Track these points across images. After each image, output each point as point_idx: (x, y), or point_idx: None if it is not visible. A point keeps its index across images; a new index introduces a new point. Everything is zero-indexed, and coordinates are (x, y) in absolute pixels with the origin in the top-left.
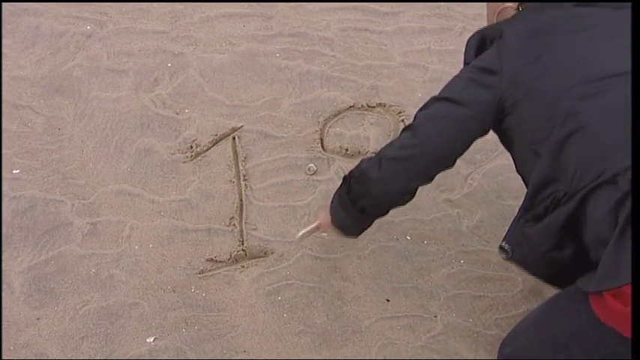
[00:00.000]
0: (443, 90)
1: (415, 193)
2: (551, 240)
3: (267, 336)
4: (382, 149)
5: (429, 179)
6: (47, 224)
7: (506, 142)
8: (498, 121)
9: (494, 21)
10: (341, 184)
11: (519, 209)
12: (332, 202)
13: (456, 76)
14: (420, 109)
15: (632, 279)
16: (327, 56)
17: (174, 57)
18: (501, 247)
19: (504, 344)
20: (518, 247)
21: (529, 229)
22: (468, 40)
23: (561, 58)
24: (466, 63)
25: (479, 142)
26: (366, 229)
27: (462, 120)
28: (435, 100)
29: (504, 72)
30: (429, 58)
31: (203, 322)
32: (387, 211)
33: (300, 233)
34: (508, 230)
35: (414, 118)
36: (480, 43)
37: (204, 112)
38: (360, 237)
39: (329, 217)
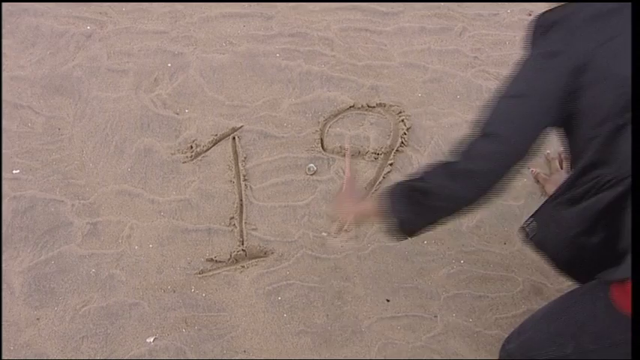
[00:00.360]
0: (508, 87)
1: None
2: (585, 224)
3: (267, 336)
4: (455, 163)
5: (509, 181)
6: (47, 224)
7: (567, 129)
8: (565, 107)
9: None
10: (398, 196)
11: (557, 189)
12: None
13: (519, 68)
14: (487, 111)
15: (632, 278)
16: (327, 56)
17: (174, 57)
18: (523, 228)
19: (508, 341)
20: (544, 227)
21: (563, 211)
22: (531, 23)
23: (629, 42)
24: (529, 46)
25: None
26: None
27: (535, 112)
28: (502, 98)
29: (570, 56)
30: (429, 58)
31: (203, 322)
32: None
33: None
34: (537, 210)
35: (481, 123)
36: (542, 26)
37: (204, 112)
38: (360, 237)
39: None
